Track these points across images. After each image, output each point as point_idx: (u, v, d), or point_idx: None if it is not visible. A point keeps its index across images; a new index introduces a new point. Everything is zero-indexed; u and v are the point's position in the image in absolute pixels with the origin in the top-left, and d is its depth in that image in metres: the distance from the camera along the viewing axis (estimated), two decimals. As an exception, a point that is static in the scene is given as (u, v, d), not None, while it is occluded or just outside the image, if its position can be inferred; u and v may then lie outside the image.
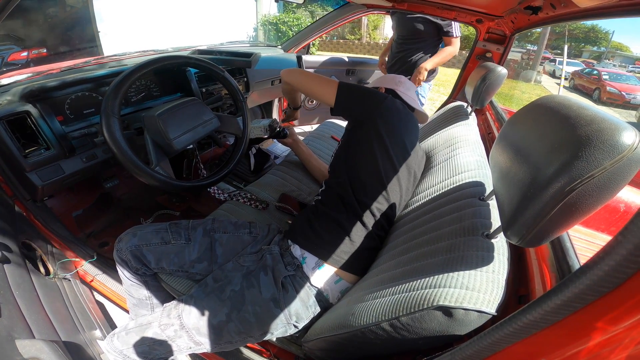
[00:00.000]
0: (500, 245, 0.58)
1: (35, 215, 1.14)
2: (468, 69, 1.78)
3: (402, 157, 0.91)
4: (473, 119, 1.28)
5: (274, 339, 0.90)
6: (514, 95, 8.47)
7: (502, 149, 0.59)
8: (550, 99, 0.52)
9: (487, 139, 1.29)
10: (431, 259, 0.62)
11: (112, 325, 1.09)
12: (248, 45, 2.32)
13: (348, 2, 1.98)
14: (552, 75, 11.68)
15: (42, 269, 1.04)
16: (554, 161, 0.42)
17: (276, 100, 2.43)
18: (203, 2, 7.01)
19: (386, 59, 2.29)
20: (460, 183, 0.81)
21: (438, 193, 0.85)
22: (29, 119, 0.98)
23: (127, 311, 1.08)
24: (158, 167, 0.98)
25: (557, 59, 11.72)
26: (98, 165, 1.13)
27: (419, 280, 0.57)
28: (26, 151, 0.98)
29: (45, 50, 5.45)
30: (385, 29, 11.14)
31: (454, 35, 1.91)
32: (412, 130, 0.97)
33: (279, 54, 2.13)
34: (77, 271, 1.16)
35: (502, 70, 1.20)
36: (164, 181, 0.98)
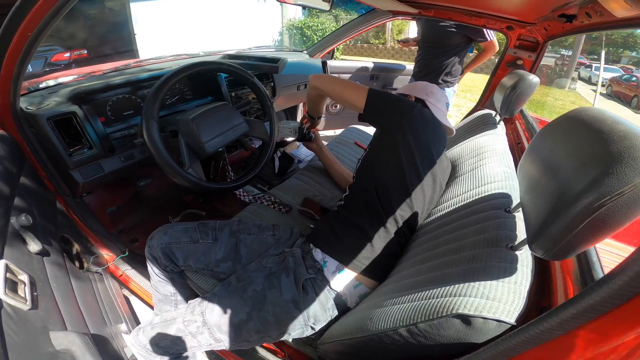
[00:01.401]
0: (525, 257, 0.57)
1: (74, 210, 1.20)
2: (497, 76, 1.73)
3: (428, 166, 0.91)
4: (502, 128, 1.24)
5: (290, 340, 0.91)
6: (546, 102, 8.10)
7: (531, 161, 0.58)
8: (584, 111, 0.51)
9: (516, 149, 1.26)
10: (452, 268, 0.62)
11: (136, 320, 1.13)
12: (274, 50, 2.36)
13: (374, 9, 1.98)
14: (588, 81, 11.09)
15: (76, 263, 1.08)
16: (584, 176, 0.42)
17: (301, 105, 2.46)
18: (231, 7, 7.21)
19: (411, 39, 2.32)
20: (486, 194, 0.80)
21: (462, 203, 0.84)
22: (74, 120, 1.04)
23: (152, 307, 1.12)
24: (191, 169, 1.03)
25: (594, 65, 11.10)
26: (134, 164, 1.19)
27: (439, 289, 0.57)
28: (71, 150, 1.05)
29: (85, 52, 5.62)
30: (410, 33, 11.00)
31: (489, 39, 1.89)
32: (440, 140, 0.96)
33: (304, 59, 2.16)
34: (108, 266, 1.21)
35: (534, 78, 1.16)
36: (196, 183, 1.03)
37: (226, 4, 7.10)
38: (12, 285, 0.63)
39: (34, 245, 0.77)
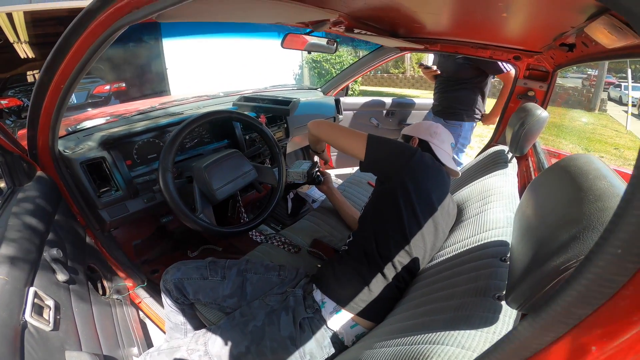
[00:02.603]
0: (509, 308, 0.57)
1: (102, 243, 1.29)
2: (509, 109, 1.67)
3: (429, 213, 0.91)
4: (513, 166, 1.21)
5: None
6: (575, 127, 7.69)
7: (523, 210, 0.59)
8: (574, 160, 0.52)
9: (527, 191, 1.22)
10: (441, 315, 0.63)
11: (149, 344, 1.19)
12: (291, 88, 2.43)
13: (382, 46, 2.05)
14: (619, 102, 10.56)
15: (100, 290, 1.15)
16: (556, 238, 0.43)
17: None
18: (255, 43, 7.66)
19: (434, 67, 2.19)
20: (486, 241, 0.80)
21: (462, 250, 0.84)
22: (104, 164, 1.16)
23: (164, 332, 1.18)
24: (202, 215, 1.11)
25: (623, 84, 10.60)
26: (156, 205, 1.28)
27: (423, 335, 0.59)
28: (100, 191, 1.15)
29: (124, 85, 6.06)
30: (430, 61, 11.08)
31: (507, 70, 1.83)
32: (441, 186, 0.97)
33: (318, 97, 2.22)
34: (128, 294, 1.28)
35: (542, 113, 1.14)
36: (206, 227, 1.10)
37: (250, 40, 7.57)
38: (38, 309, 0.71)
39: (62, 275, 0.85)
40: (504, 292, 0.58)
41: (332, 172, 2.49)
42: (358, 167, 1.85)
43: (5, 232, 0.79)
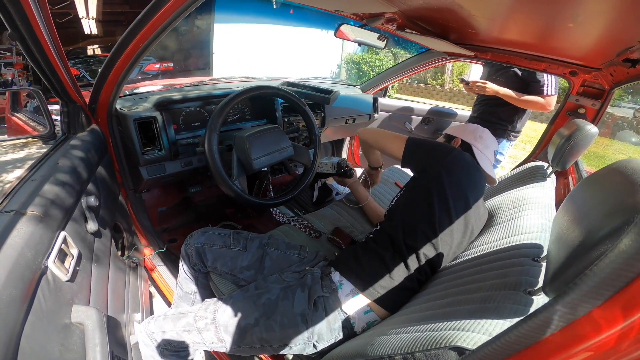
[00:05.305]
0: (542, 302, 0.56)
1: (132, 203, 1.37)
2: (556, 124, 1.58)
3: (462, 211, 0.90)
4: (552, 181, 1.17)
5: (291, 357, 0.93)
6: (615, 160, 7.19)
7: (566, 210, 0.58)
8: (626, 163, 0.51)
9: (565, 206, 1.17)
10: (464, 306, 0.62)
11: (152, 313, 1.21)
12: (330, 82, 2.44)
13: (429, 49, 2.01)
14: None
15: (119, 250, 1.20)
16: (606, 225, 0.42)
17: (347, 139, 2.50)
18: (298, 37, 7.79)
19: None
20: (516, 243, 0.78)
21: (490, 250, 0.82)
22: (154, 124, 1.23)
23: (170, 305, 1.21)
24: (237, 181, 1.14)
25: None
26: (190, 170, 1.34)
27: (445, 323, 0.58)
28: (145, 149, 1.22)
29: (172, 65, 6.44)
30: (471, 77, 10.73)
31: (547, 94, 1.74)
32: (477, 186, 0.96)
33: (357, 93, 2.21)
34: (144, 259, 1.33)
35: (592, 128, 1.08)
36: (239, 194, 1.14)
37: (294, 34, 7.70)
38: (62, 256, 0.69)
39: (92, 225, 0.87)
40: (536, 288, 0.58)
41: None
42: (384, 170, 1.85)
43: (54, 172, 0.81)
